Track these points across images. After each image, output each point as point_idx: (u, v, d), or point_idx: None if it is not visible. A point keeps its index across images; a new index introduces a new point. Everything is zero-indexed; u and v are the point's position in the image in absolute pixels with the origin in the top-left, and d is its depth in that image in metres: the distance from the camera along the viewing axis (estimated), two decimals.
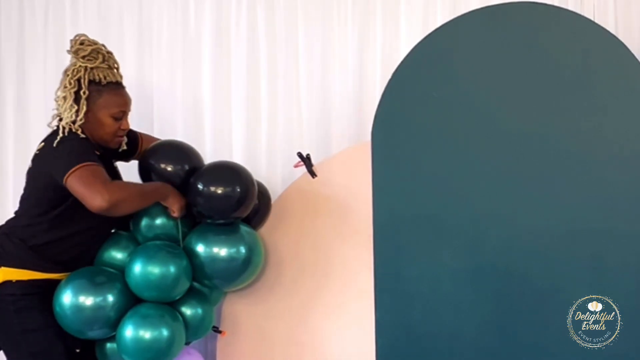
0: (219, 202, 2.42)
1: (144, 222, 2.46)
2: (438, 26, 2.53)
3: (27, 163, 2.41)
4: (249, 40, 2.96)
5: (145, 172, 2.47)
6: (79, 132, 2.30)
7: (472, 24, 2.44)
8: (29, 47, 3.08)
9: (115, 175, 2.48)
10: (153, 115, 2.97)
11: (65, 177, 2.21)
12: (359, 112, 2.89)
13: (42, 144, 2.35)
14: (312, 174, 2.62)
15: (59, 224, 2.32)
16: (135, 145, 2.56)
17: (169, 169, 2.44)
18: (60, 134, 2.28)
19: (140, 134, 2.60)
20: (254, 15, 2.96)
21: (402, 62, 2.48)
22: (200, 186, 2.40)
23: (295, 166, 2.65)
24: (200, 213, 2.45)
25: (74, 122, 2.30)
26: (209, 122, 2.96)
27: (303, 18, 2.95)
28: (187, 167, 2.45)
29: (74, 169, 2.21)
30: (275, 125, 2.94)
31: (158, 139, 2.60)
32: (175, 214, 2.40)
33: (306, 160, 2.62)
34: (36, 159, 2.35)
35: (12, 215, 2.43)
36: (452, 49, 2.44)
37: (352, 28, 2.92)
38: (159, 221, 2.45)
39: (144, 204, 2.37)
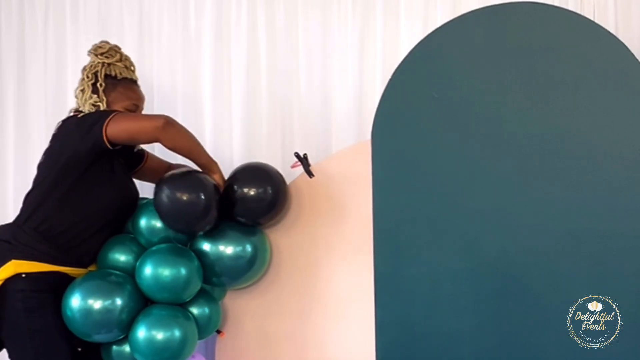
0: (253, 205, 2.51)
1: (144, 224, 2.47)
2: (438, 26, 2.53)
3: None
4: (249, 39, 2.96)
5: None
6: None
7: (472, 24, 2.44)
8: (29, 47, 3.09)
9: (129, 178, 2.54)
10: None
11: (105, 125, 2.28)
12: (359, 111, 2.89)
13: (61, 122, 2.42)
14: (310, 173, 2.61)
15: (71, 204, 2.33)
16: (139, 161, 2.62)
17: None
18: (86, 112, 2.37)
19: (147, 152, 2.65)
20: (254, 15, 2.96)
21: (402, 62, 2.48)
22: (235, 187, 2.48)
23: (293, 166, 2.64)
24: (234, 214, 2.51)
25: None
26: (208, 122, 2.97)
27: (303, 17, 2.95)
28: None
29: (111, 116, 2.30)
30: (275, 124, 2.94)
31: (165, 161, 2.65)
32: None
33: (303, 160, 2.61)
34: (57, 134, 2.40)
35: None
36: (452, 49, 2.44)
37: (352, 27, 2.92)
38: (160, 224, 2.45)
39: (193, 148, 2.43)
